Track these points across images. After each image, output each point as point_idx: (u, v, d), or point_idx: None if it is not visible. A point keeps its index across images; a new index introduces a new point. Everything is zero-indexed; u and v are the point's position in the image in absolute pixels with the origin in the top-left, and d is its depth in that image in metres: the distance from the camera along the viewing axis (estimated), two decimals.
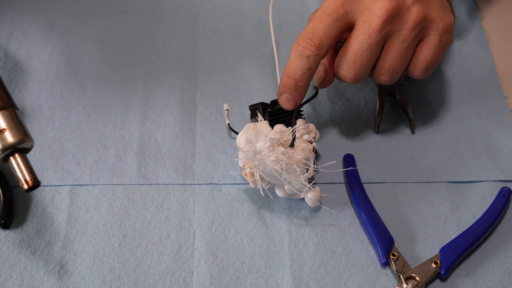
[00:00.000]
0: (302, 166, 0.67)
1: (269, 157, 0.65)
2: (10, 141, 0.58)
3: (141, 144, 0.76)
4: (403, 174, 0.74)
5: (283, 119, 0.72)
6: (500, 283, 0.67)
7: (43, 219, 0.70)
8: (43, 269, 0.67)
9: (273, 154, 0.65)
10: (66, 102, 0.79)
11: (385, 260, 0.67)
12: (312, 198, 0.68)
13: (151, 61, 0.83)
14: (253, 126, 0.71)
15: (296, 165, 0.66)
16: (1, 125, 0.58)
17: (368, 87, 0.82)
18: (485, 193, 0.73)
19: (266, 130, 0.70)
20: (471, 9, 0.90)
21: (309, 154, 0.68)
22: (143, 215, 0.71)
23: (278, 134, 0.68)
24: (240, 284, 0.66)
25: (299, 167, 0.66)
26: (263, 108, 0.73)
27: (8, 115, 0.59)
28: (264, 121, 0.72)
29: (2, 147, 0.58)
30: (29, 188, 0.58)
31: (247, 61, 0.84)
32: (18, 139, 0.58)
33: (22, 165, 0.58)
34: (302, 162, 0.67)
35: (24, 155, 0.59)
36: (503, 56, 0.85)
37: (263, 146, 0.66)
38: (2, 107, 0.59)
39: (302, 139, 0.70)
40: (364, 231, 0.70)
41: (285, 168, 0.65)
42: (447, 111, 0.80)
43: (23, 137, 0.58)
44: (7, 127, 0.58)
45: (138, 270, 0.67)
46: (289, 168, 0.66)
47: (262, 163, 0.66)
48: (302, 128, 0.70)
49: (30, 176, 0.58)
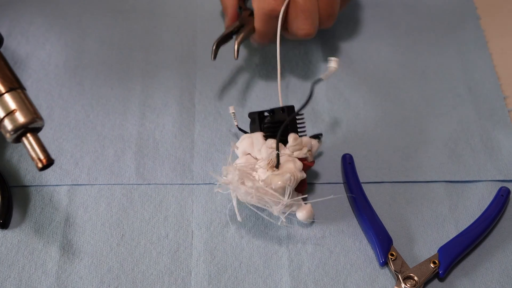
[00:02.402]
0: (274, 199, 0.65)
1: (240, 190, 0.65)
2: (21, 121, 0.58)
3: (140, 144, 0.76)
4: (402, 174, 0.74)
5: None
6: (498, 282, 0.67)
7: (42, 219, 0.70)
8: (41, 269, 0.67)
9: (243, 187, 0.65)
10: (64, 102, 0.79)
11: (384, 260, 0.67)
12: (300, 218, 0.68)
13: (149, 61, 0.83)
14: (248, 138, 0.70)
15: (267, 198, 0.65)
16: (11, 106, 0.59)
17: (367, 87, 0.82)
18: (483, 193, 0.73)
19: (259, 143, 0.69)
20: (470, 8, 0.90)
21: (286, 183, 0.65)
22: (142, 215, 0.71)
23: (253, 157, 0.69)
24: (238, 284, 0.66)
25: (271, 199, 0.65)
26: (259, 118, 0.72)
27: (17, 96, 0.59)
28: (259, 133, 0.71)
29: (14, 127, 0.58)
30: (43, 167, 0.59)
31: (246, 61, 0.84)
32: (29, 119, 0.58)
33: (35, 144, 0.59)
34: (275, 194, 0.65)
35: (36, 135, 0.59)
36: (502, 56, 0.85)
37: (232, 178, 0.65)
38: (11, 88, 0.59)
39: (291, 158, 0.68)
40: (362, 231, 0.70)
41: (256, 201, 0.65)
42: (446, 110, 0.80)
43: (34, 116, 0.59)
44: (17, 108, 0.58)
45: (136, 269, 0.67)
46: (261, 199, 0.65)
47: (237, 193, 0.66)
48: (292, 145, 0.69)
49: (44, 154, 0.59)
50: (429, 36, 0.87)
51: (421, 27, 0.88)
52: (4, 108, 0.59)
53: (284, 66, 0.83)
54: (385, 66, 0.84)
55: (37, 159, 0.59)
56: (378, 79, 0.83)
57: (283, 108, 0.71)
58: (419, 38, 0.87)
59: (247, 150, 0.70)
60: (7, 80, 0.60)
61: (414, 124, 0.78)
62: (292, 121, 0.70)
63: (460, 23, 0.89)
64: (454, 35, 0.87)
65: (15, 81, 0.60)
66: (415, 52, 0.86)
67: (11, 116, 0.58)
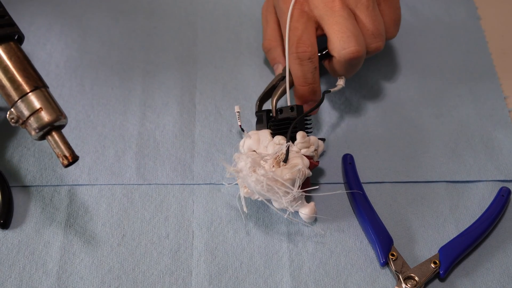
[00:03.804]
0: (285, 189, 0.65)
1: (250, 177, 0.65)
2: (46, 120, 0.60)
3: (140, 144, 0.76)
4: (402, 174, 0.74)
5: (286, 130, 0.70)
6: (499, 283, 0.67)
7: (42, 219, 0.70)
8: (42, 269, 0.67)
9: (254, 175, 0.65)
10: (65, 102, 0.79)
11: (384, 260, 0.67)
12: (303, 216, 0.68)
13: (150, 61, 0.83)
14: (254, 134, 0.71)
15: (277, 187, 0.65)
16: (36, 105, 0.60)
17: (367, 87, 0.82)
18: (484, 193, 0.73)
19: (266, 140, 0.70)
20: (470, 9, 0.90)
21: (296, 175, 0.66)
22: (142, 215, 0.71)
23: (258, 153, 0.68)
24: (239, 284, 0.66)
25: (281, 189, 0.65)
26: (267, 116, 0.73)
27: (42, 95, 0.60)
28: (266, 130, 0.71)
29: (39, 126, 0.60)
30: (68, 163, 0.61)
31: (247, 61, 0.84)
32: (54, 117, 0.60)
33: (60, 141, 0.60)
34: (285, 184, 0.65)
35: (61, 132, 0.61)
36: (503, 56, 0.85)
37: (244, 166, 0.66)
38: (35, 87, 0.60)
39: (299, 154, 0.68)
40: (363, 231, 0.70)
41: (266, 190, 0.65)
42: (446, 111, 0.80)
43: (58, 114, 0.60)
44: (42, 106, 0.60)
45: (137, 270, 0.67)
46: (271, 189, 0.65)
47: (245, 182, 0.65)
48: (300, 142, 0.69)
49: (69, 151, 0.60)
50: (429, 36, 0.87)
51: (421, 28, 0.88)
52: (30, 107, 0.60)
53: None
54: (385, 66, 0.84)
55: (62, 156, 0.60)
56: (378, 79, 0.83)
57: (292, 106, 0.71)
58: (419, 38, 0.87)
59: (252, 147, 0.70)
60: (32, 79, 0.61)
61: (415, 124, 0.78)
62: (300, 120, 0.71)
63: (460, 23, 0.89)
64: (455, 35, 0.87)
65: (39, 79, 0.61)
66: (415, 53, 0.86)
67: (37, 114, 0.60)
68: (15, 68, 0.60)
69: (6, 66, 0.60)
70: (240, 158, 0.66)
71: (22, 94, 0.60)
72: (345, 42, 0.71)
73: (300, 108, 0.71)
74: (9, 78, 0.60)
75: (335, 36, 0.72)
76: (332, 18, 0.72)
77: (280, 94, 0.73)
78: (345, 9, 0.72)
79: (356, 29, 0.72)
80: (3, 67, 0.60)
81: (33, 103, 0.60)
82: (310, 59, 0.72)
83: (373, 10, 0.74)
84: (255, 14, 0.89)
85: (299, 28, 0.73)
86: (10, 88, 0.60)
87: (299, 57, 0.72)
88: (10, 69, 0.60)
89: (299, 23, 0.73)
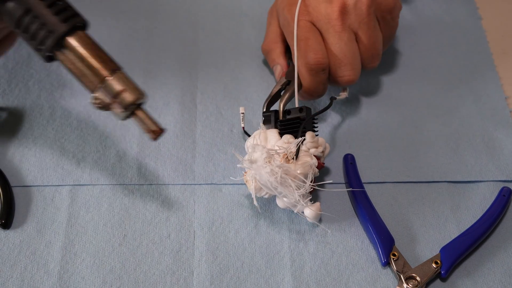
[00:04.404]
0: (298, 182, 0.66)
1: (265, 169, 0.65)
2: (130, 100, 0.61)
3: (141, 144, 0.76)
4: (404, 174, 0.74)
5: (294, 130, 0.71)
6: (500, 283, 0.67)
7: (43, 219, 0.70)
8: (43, 269, 0.67)
9: (269, 166, 0.65)
10: (66, 102, 0.79)
11: (386, 260, 0.67)
12: (309, 215, 0.68)
13: (151, 61, 0.83)
14: (262, 133, 0.71)
15: (291, 180, 0.65)
16: (118, 88, 0.61)
17: (368, 87, 0.82)
18: (485, 193, 0.73)
19: (274, 139, 0.70)
20: (471, 9, 0.90)
21: (308, 170, 0.66)
22: (144, 215, 0.71)
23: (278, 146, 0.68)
24: (240, 284, 0.66)
25: (294, 182, 0.65)
26: (275, 116, 0.73)
27: (120, 77, 0.62)
28: (274, 129, 0.71)
29: (124, 107, 0.62)
30: (157, 137, 0.63)
31: (248, 61, 0.84)
32: (137, 96, 0.62)
33: (145, 118, 0.63)
34: (299, 177, 0.66)
35: (143, 109, 0.63)
36: (503, 56, 0.85)
37: (259, 156, 0.66)
38: (114, 70, 0.62)
39: (308, 153, 0.68)
40: (364, 231, 0.70)
41: (279, 182, 0.65)
42: (447, 111, 0.80)
43: (139, 93, 0.62)
44: (124, 88, 0.61)
45: (138, 270, 0.67)
46: (284, 182, 0.65)
47: (258, 173, 0.66)
48: (310, 142, 0.69)
49: (155, 125, 0.63)
50: (430, 36, 0.87)
51: (421, 28, 0.88)
52: (112, 91, 0.61)
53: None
54: (386, 67, 0.84)
55: (149, 131, 0.63)
56: (379, 80, 0.83)
57: (301, 108, 0.72)
58: (420, 38, 0.87)
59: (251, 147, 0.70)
60: (108, 64, 0.62)
61: (416, 124, 0.79)
62: (309, 122, 0.71)
63: (461, 23, 0.89)
64: (456, 35, 0.87)
65: (113, 62, 0.63)
66: (415, 53, 0.86)
67: (120, 97, 0.61)
68: (91, 56, 0.61)
69: (81, 55, 0.61)
70: (255, 149, 0.66)
71: (102, 79, 0.61)
72: (341, 70, 0.73)
73: (308, 110, 0.72)
74: (87, 66, 0.61)
75: (332, 59, 0.73)
76: (333, 38, 0.73)
77: (287, 98, 0.73)
78: (346, 30, 0.73)
79: (354, 55, 0.73)
80: (79, 56, 0.61)
81: (114, 87, 0.61)
82: (324, 70, 0.73)
83: (374, 30, 0.74)
84: (256, 15, 0.89)
85: (310, 38, 0.73)
86: (89, 75, 0.61)
87: (314, 69, 0.72)
88: (86, 58, 0.61)
89: (309, 33, 0.73)
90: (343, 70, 0.73)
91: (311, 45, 0.72)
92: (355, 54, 0.74)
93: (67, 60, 0.61)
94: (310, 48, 0.72)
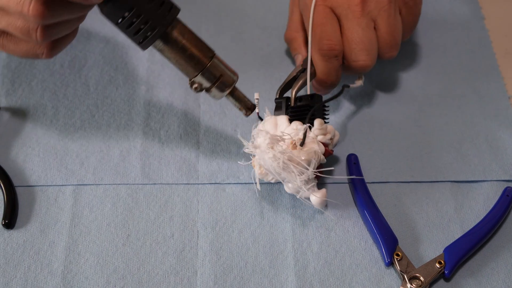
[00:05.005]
0: (300, 168, 0.66)
1: (268, 154, 0.65)
2: (229, 84, 0.67)
3: (145, 143, 0.76)
4: (407, 174, 0.74)
5: (304, 116, 0.71)
6: (504, 283, 0.67)
7: (47, 219, 0.70)
8: (47, 269, 0.67)
9: (272, 152, 0.65)
10: (69, 102, 0.79)
11: (389, 260, 0.67)
12: (314, 201, 0.68)
13: (154, 61, 0.83)
14: (272, 118, 0.71)
15: (293, 166, 0.66)
16: (216, 74, 0.66)
17: (372, 87, 0.82)
18: (489, 193, 0.73)
19: (283, 125, 0.70)
20: (474, 8, 0.90)
21: (312, 157, 0.67)
22: (147, 214, 0.71)
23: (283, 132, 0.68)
24: (244, 284, 0.66)
25: (297, 168, 0.66)
26: (286, 103, 0.73)
27: (217, 63, 0.67)
28: (284, 115, 0.71)
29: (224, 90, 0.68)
30: (250, 113, 0.69)
31: (250, 60, 0.84)
32: (233, 79, 0.68)
33: (240, 97, 0.69)
34: (302, 164, 0.66)
35: (237, 88, 0.69)
36: (507, 55, 0.85)
37: (262, 141, 0.66)
38: (210, 57, 0.66)
39: (315, 140, 0.69)
40: (368, 231, 0.70)
41: (282, 167, 0.65)
42: (451, 111, 0.80)
43: (234, 76, 0.68)
44: (221, 74, 0.67)
45: (142, 270, 0.67)
46: (287, 168, 0.66)
47: (262, 158, 0.66)
48: (318, 129, 0.69)
49: (249, 103, 0.69)
50: (433, 36, 0.87)
51: (424, 27, 0.88)
52: (211, 77, 0.66)
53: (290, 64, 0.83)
54: (390, 66, 0.84)
55: (244, 108, 0.69)
56: (382, 79, 0.83)
57: (312, 95, 0.72)
58: (423, 38, 0.87)
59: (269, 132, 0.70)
60: (205, 51, 0.66)
61: (419, 124, 0.78)
62: (319, 109, 0.72)
63: (464, 22, 0.88)
64: (459, 34, 0.87)
65: (209, 49, 0.67)
66: (418, 52, 0.86)
67: (219, 82, 0.67)
68: (191, 45, 0.65)
69: (183, 45, 0.65)
70: (259, 134, 0.67)
71: (202, 68, 0.66)
72: (356, 54, 0.73)
73: (319, 97, 0.73)
74: (188, 55, 0.65)
75: (348, 44, 0.73)
76: (351, 23, 0.73)
77: (300, 86, 0.74)
78: (365, 16, 0.73)
79: (371, 41, 0.73)
80: (181, 47, 0.65)
81: (213, 73, 0.66)
82: (336, 56, 0.73)
83: (394, 18, 0.74)
84: (258, 14, 0.89)
85: (326, 24, 0.73)
86: (190, 64, 0.66)
87: (326, 54, 0.73)
88: (187, 48, 0.65)
89: (326, 19, 0.73)
90: (358, 55, 0.73)
91: (326, 31, 0.73)
92: (372, 41, 0.73)
93: (168, 51, 0.65)
94: (325, 34, 0.73)
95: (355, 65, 0.74)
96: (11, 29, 0.61)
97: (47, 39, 0.61)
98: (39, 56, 0.64)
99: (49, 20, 0.59)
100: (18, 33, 0.61)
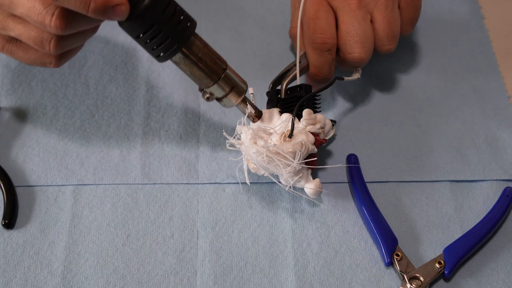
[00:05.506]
0: (284, 161, 0.66)
1: (252, 149, 0.66)
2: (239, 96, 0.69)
3: (145, 143, 0.76)
4: (407, 174, 0.74)
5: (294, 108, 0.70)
6: (504, 283, 0.67)
7: (47, 219, 0.70)
8: (46, 269, 0.67)
9: (255, 147, 0.66)
10: (69, 102, 0.79)
11: (389, 260, 0.67)
12: (308, 191, 0.68)
13: (154, 61, 0.83)
14: (267, 112, 0.71)
15: (277, 159, 0.66)
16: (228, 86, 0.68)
17: (371, 86, 0.82)
18: (488, 193, 0.73)
19: (275, 118, 0.71)
20: (474, 8, 0.90)
21: (297, 148, 0.66)
22: (147, 215, 0.71)
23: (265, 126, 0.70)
24: (244, 284, 0.66)
25: (281, 161, 0.66)
26: (276, 95, 0.74)
27: (229, 76, 0.68)
28: (275, 108, 0.72)
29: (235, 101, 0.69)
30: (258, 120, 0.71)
31: (250, 60, 0.84)
32: (244, 91, 0.69)
33: (249, 105, 0.70)
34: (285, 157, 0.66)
35: (246, 97, 0.70)
36: (506, 55, 0.85)
37: (244, 138, 0.67)
38: (223, 70, 0.68)
39: (305, 130, 0.69)
40: (367, 231, 0.70)
41: (266, 161, 0.66)
42: (450, 110, 0.80)
43: (245, 87, 0.70)
44: (234, 84, 0.68)
45: (142, 270, 0.67)
46: (272, 161, 0.66)
47: (247, 154, 0.67)
48: (306, 119, 0.70)
49: (257, 110, 0.71)
50: (433, 35, 0.87)
51: (424, 27, 0.88)
52: (223, 89, 0.68)
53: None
54: (389, 65, 0.84)
55: (253, 116, 0.71)
56: (382, 79, 0.83)
57: (300, 85, 0.72)
58: (423, 37, 0.87)
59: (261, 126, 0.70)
60: (218, 64, 0.67)
61: (419, 123, 0.78)
62: (308, 99, 0.72)
63: (464, 22, 0.88)
64: (458, 34, 0.87)
65: (222, 61, 0.68)
66: (418, 52, 0.86)
67: (230, 94, 0.68)
68: (206, 58, 0.66)
69: (199, 58, 0.66)
70: (242, 130, 0.68)
71: (216, 79, 0.67)
72: (351, 47, 0.73)
73: (308, 87, 0.73)
74: (203, 68, 0.66)
75: (343, 36, 0.73)
76: (347, 16, 0.73)
77: (292, 78, 0.74)
78: (361, 9, 0.73)
79: (366, 34, 0.73)
80: (197, 60, 0.66)
81: (226, 84, 0.68)
82: (329, 50, 0.73)
83: (392, 11, 0.74)
84: (258, 13, 0.89)
85: (321, 17, 0.73)
86: (204, 77, 0.67)
87: (319, 48, 0.73)
88: (203, 60, 0.66)
89: (321, 12, 0.74)
90: (352, 47, 0.73)
91: (320, 24, 0.73)
92: (367, 34, 0.73)
93: (184, 63, 0.66)
94: (318, 27, 0.73)
95: (350, 58, 0.73)
96: (24, 37, 0.61)
97: (59, 51, 0.61)
98: (47, 65, 0.64)
99: (67, 32, 0.59)
100: (31, 42, 0.61)
